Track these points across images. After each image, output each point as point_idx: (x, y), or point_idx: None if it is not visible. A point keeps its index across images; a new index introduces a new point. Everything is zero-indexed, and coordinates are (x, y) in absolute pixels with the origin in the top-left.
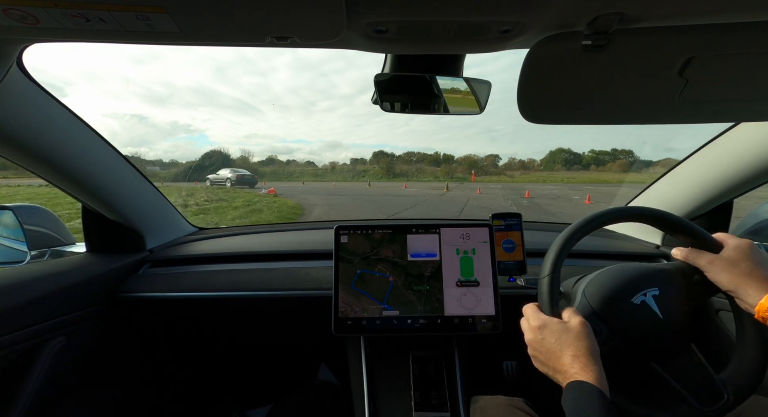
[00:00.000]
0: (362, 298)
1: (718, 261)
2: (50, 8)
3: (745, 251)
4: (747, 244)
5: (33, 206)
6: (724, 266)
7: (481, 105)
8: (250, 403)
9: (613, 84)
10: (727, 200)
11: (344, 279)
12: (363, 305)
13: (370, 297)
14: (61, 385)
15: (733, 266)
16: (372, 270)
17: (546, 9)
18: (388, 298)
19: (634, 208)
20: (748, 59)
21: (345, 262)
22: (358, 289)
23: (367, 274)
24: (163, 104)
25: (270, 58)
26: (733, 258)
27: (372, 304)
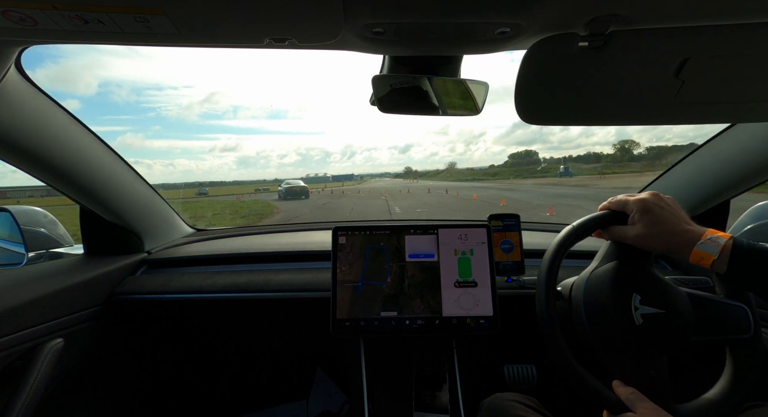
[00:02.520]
0: (360, 299)
1: (641, 235)
2: (48, 10)
3: (653, 214)
4: (649, 205)
5: (30, 208)
6: (648, 238)
7: (478, 106)
8: (248, 405)
9: (609, 85)
10: (724, 200)
11: (342, 280)
12: (361, 306)
13: (368, 298)
14: (60, 386)
15: (655, 236)
16: (368, 275)
17: (543, 11)
18: (386, 298)
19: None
20: (744, 60)
21: (343, 263)
22: (356, 290)
23: (366, 288)
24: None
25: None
26: (650, 227)
27: (370, 305)
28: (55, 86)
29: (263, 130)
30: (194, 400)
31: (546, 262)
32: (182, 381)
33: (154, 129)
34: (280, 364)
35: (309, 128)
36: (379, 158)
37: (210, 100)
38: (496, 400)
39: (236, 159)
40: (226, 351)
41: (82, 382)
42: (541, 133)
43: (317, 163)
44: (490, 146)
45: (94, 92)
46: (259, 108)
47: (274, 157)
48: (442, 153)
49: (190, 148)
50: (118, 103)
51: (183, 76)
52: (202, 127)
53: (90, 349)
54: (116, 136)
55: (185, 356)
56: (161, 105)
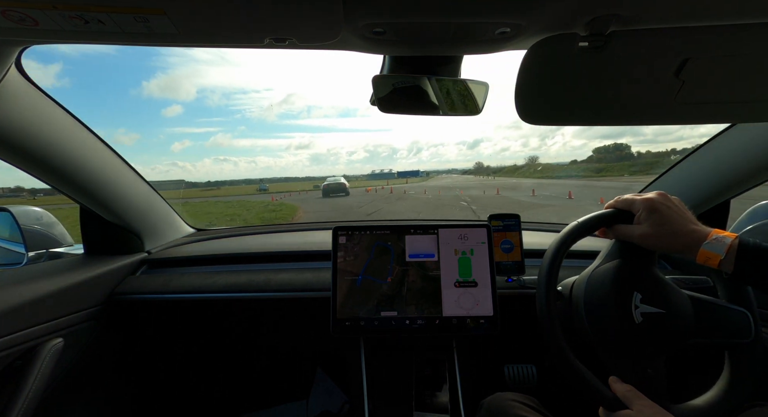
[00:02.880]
0: (360, 299)
1: (646, 235)
2: (49, 10)
3: (661, 214)
4: (656, 205)
5: (31, 208)
6: (655, 237)
7: (478, 106)
8: (248, 404)
9: (610, 85)
10: (724, 200)
11: (344, 269)
12: (361, 306)
13: (368, 298)
14: (60, 386)
15: (662, 236)
16: (370, 271)
17: (543, 11)
18: (383, 298)
19: None
20: (744, 61)
21: (341, 266)
22: (356, 290)
23: (365, 283)
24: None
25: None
26: (657, 227)
27: (370, 305)
28: (165, 94)
29: (334, 128)
30: (194, 399)
31: (547, 259)
32: (182, 380)
33: (239, 129)
34: (280, 363)
35: (376, 125)
36: (446, 154)
37: (287, 101)
38: (497, 399)
39: (309, 156)
40: (226, 350)
41: (82, 382)
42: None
43: (384, 159)
44: (569, 140)
45: (193, 98)
46: (331, 107)
47: (343, 153)
48: (513, 148)
49: (269, 146)
50: (210, 106)
51: (264, 79)
52: (279, 127)
53: (90, 349)
54: (209, 136)
55: (185, 356)
56: (246, 107)
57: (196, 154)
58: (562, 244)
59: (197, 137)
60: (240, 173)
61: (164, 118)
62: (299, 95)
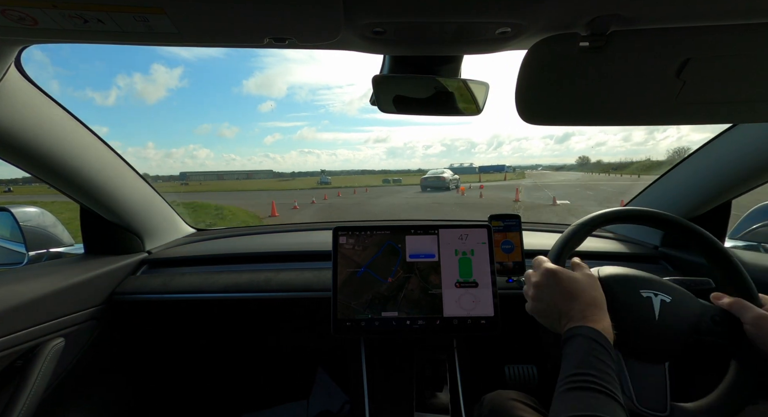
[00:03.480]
0: (359, 293)
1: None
2: (48, 9)
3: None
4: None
5: (31, 208)
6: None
7: (479, 106)
8: (248, 404)
9: (611, 85)
10: (725, 201)
11: (343, 280)
12: (362, 306)
13: (364, 292)
14: (60, 386)
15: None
16: (370, 271)
17: (543, 11)
18: (378, 297)
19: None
20: (745, 60)
21: (343, 263)
22: (356, 290)
23: (365, 276)
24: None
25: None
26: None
27: (371, 306)
28: (261, 91)
29: (410, 121)
30: (195, 399)
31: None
32: (183, 380)
33: (323, 123)
34: (281, 363)
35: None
36: (530, 149)
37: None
38: (498, 396)
39: (386, 150)
40: (227, 350)
41: (83, 381)
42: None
43: (461, 153)
44: (686, 133)
45: (284, 94)
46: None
47: (419, 147)
48: (611, 143)
49: (349, 139)
50: (299, 102)
51: (347, 75)
52: (359, 121)
53: (91, 349)
54: (297, 130)
55: (186, 356)
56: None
57: (285, 146)
58: (565, 245)
59: (286, 131)
60: (322, 165)
61: (259, 113)
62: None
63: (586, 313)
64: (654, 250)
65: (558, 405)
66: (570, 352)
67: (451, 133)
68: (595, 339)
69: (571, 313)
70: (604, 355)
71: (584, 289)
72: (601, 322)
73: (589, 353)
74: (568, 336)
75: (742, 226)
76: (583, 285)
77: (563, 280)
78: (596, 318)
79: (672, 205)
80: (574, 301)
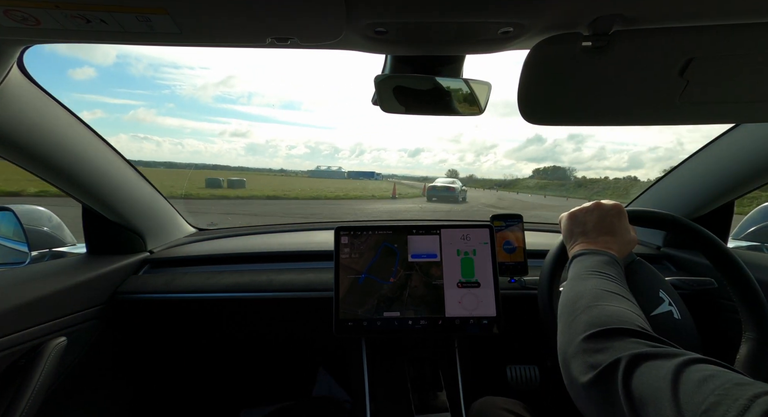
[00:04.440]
0: (360, 297)
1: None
2: (51, 9)
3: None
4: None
5: (33, 207)
6: None
7: (481, 106)
8: (250, 404)
9: (613, 85)
10: (728, 201)
11: (345, 280)
12: (364, 306)
13: (368, 297)
14: (62, 385)
15: None
16: (371, 276)
17: (546, 10)
18: (383, 299)
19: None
20: (749, 60)
21: (345, 263)
22: (358, 290)
23: (367, 281)
24: None
25: None
26: None
27: (366, 301)
28: (75, 53)
29: (275, 119)
30: (197, 398)
31: (549, 260)
32: (185, 380)
33: (167, 106)
34: (282, 363)
35: (320, 122)
36: (387, 159)
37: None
38: (485, 404)
39: (245, 145)
40: (228, 350)
41: (85, 381)
42: (553, 152)
43: (325, 157)
44: (500, 159)
45: (111, 62)
46: (273, 96)
47: (282, 147)
48: (451, 160)
49: (200, 129)
50: (134, 76)
51: (201, 57)
52: (214, 110)
53: (93, 348)
54: (129, 109)
55: (188, 355)
56: (176, 83)
57: (110, 127)
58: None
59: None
60: (163, 155)
61: (73, 81)
62: (240, 79)
63: (607, 239)
64: (656, 250)
65: (575, 282)
66: (580, 260)
67: (316, 136)
68: (606, 254)
69: (598, 240)
70: (614, 266)
71: (625, 236)
72: (613, 249)
73: (600, 263)
74: (578, 253)
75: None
76: (622, 226)
77: (615, 218)
78: (612, 246)
79: (674, 206)
80: (608, 234)
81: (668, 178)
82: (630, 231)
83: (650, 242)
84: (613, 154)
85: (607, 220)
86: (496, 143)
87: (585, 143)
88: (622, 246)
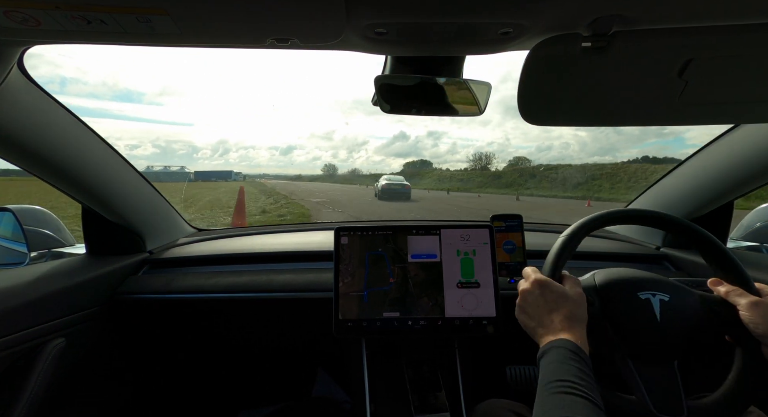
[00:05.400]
0: (362, 299)
1: (763, 305)
2: (51, 10)
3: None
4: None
5: (33, 208)
6: (765, 313)
7: (480, 106)
8: (249, 405)
9: (613, 85)
10: (728, 201)
11: (345, 292)
12: (363, 307)
13: (375, 303)
14: (62, 386)
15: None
16: (372, 283)
17: (545, 11)
18: (389, 299)
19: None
20: (748, 61)
21: (345, 275)
22: (362, 299)
23: (369, 291)
24: None
25: None
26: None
27: (372, 306)
28: None
29: (106, 113)
30: (196, 399)
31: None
32: (184, 380)
33: None
34: (282, 364)
35: (173, 118)
36: (257, 158)
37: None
38: (491, 406)
39: None
40: (228, 350)
41: (84, 381)
42: (416, 147)
43: (181, 157)
44: (371, 155)
45: None
46: (102, 84)
47: (120, 146)
48: (324, 158)
49: None
50: None
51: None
52: None
53: (92, 349)
54: None
55: (187, 355)
56: None
57: None
58: (566, 244)
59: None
60: None
61: None
62: (45, 59)
63: (564, 324)
64: (656, 250)
65: (540, 409)
66: (548, 362)
67: (168, 134)
68: (572, 350)
69: (551, 325)
70: (581, 364)
71: (566, 303)
72: (578, 335)
73: (567, 362)
74: (545, 348)
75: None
76: (567, 298)
77: (548, 292)
78: (573, 330)
79: (674, 206)
80: (554, 312)
81: (668, 178)
82: (566, 294)
83: (649, 242)
84: (462, 149)
85: (540, 303)
86: (367, 140)
87: (441, 139)
88: (572, 318)
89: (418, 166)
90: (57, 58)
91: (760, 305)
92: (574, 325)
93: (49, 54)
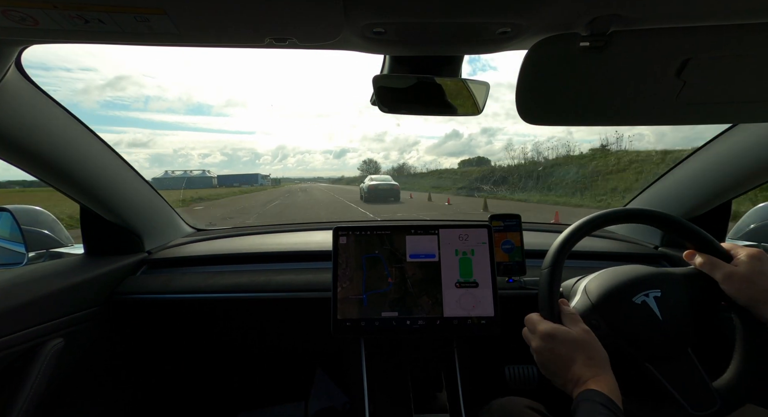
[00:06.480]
0: (362, 303)
1: (736, 276)
2: (49, 9)
3: (761, 264)
4: (761, 255)
5: (31, 208)
6: (742, 281)
7: (479, 106)
8: (248, 405)
9: (611, 85)
10: (726, 201)
11: (343, 285)
12: (362, 307)
13: (369, 298)
14: (60, 386)
15: (752, 282)
16: (370, 286)
17: (543, 11)
18: (387, 299)
19: (637, 210)
20: (746, 61)
21: (343, 263)
22: (361, 303)
23: (368, 295)
24: None
25: None
26: (751, 272)
27: (371, 306)
28: None
29: (182, 125)
30: (194, 399)
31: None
32: (182, 380)
33: None
34: (280, 364)
35: (236, 127)
36: (313, 162)
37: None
38: (509, 403)
39: (148, 156)
40: (227, 351)
41: (82, 382)
42: (470, 146)
43: (245, 164)
44: (422, 155)
45: None
46: (177, 100)
47: (195, 155)
48: (376, 160)
49: None
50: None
51: (79, 57)
52: (103, 118)
53: (90, 349)
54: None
55: (185, 356)
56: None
57: None
58: (566, 244)
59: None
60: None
61: None
62: (134, 81)
63: (587, 374)
64: (654, 249)
65: None
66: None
67: (233, 143)
68: (601, 402)
69: (574, 378)
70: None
71: (579, 349)
72: (604, 381)
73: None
74: (576, 403)
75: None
76: (578, 344)
77: (558, 345)
78: (599, 378)
79: (672, 205)
80: (573, 365)
81: (666, 178)
82: (575, 340)
83: (648, 241)
84: (519, 145)
85: (556, 361)
86: (418, 140)
87: (495, 136)
88: (592, 363)
89: (474, 163)
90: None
91: (733, 276)
92: (597, 372)
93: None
